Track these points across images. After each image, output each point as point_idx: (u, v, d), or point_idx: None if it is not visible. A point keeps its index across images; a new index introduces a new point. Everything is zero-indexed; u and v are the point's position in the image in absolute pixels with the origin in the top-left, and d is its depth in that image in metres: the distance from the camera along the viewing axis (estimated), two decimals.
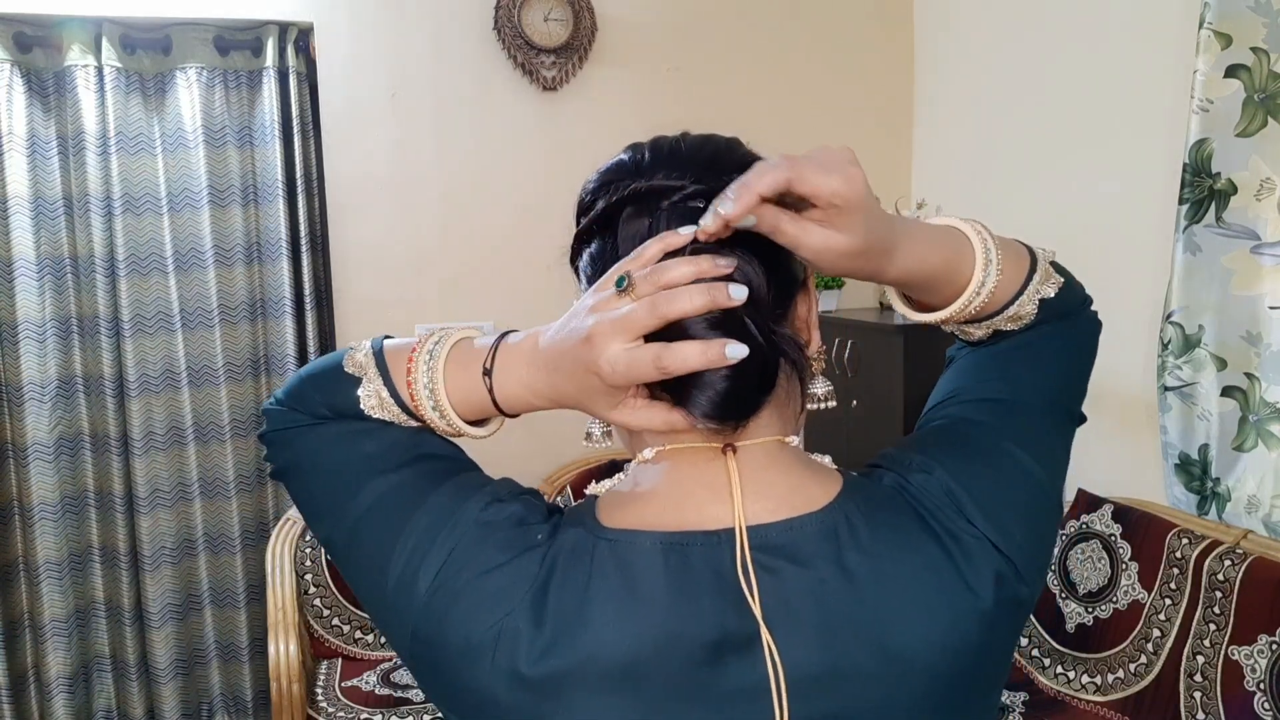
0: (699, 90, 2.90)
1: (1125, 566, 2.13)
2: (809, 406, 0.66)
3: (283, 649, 2.29)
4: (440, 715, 2.37)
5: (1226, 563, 1.92)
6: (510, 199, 2.79)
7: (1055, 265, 0.70)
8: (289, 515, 2.57)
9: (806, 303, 0.64)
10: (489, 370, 0.61)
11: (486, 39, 2.71)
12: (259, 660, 2.71)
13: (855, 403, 2.62)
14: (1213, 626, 1.91)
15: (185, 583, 2.64)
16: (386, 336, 0.66)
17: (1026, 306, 0.67)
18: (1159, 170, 2.18)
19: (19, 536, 2.50)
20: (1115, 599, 2.13)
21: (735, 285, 0.54)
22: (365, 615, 2.54)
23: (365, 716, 2.21)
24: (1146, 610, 2.06)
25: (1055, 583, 2.26)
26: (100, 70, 2.41)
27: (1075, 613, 2.20)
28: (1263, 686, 1.78)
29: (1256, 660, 1.81)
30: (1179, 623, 1.98)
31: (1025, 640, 2.27)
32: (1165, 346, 2.09)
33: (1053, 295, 0.68)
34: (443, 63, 2.70)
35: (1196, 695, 1.90)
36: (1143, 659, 2.03)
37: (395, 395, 0.62)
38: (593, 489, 0.65)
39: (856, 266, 0.58)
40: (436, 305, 2.77)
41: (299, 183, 2.59)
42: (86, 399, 2.52)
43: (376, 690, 2.32)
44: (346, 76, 2.63)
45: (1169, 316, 2.07)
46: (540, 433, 2.63)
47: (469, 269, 2.79)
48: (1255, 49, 1.90)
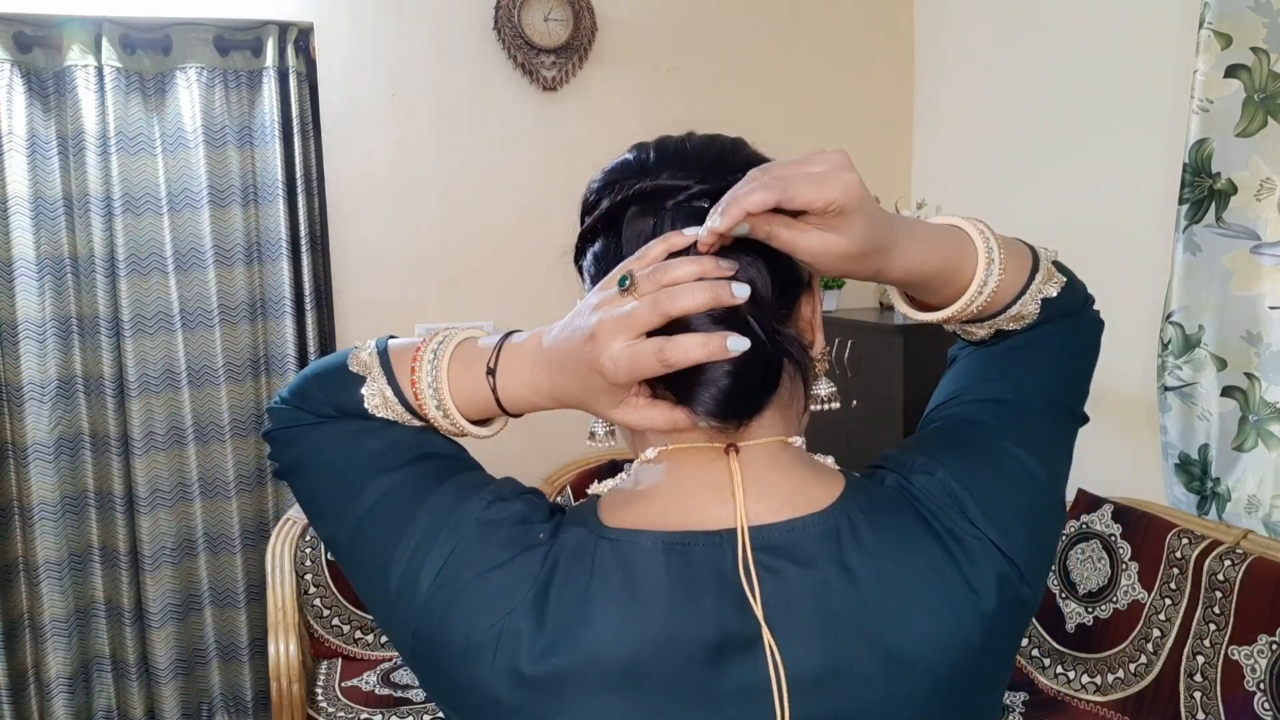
0: (699, 90, 2.90)
1: (1125, 566, 2.13)
2: (812, 408, 0.66)
3: (283, 649, 2.29)
4: (441, 715, 2.36)
5: (1226, 563, 1.92)
6: (510, 199, 2.79)
7: (1057, 264, 0.70)
8: (289, 515, 2.57)
9: (811, 305, 0.64)
10: (493, 370, 0.61)
11: (486, 39, 2.71)
12: (259, 660, 2.71)
13: (855, 403, 2.62)
14: (1213, 626, 1.91)
15: (185, 583, 2.63)
16: (391, 336, 0.66)
17: (1029, 306, 0.66)
18: (1159, 170, 2.18)
19: (19, 536, 2.50)
20: (1115, 599, 2.13)
21: (738, 284, 0.54)
22: (365, 615, 2.54)
23: (365, 716, 2.21)
24: (1146, 610, 2.06)
25: (1055, 583, 2.26)
26: (100, 70, 2.41)
27: (1075, 613, 2.20)
28: (1263, 686, 1.78)
29: (1256, 660, 1.81)
30: (1179, 623, 1.98)
31: (1025, 640, 2.27)
32: (1165, 346, 2.09)
33: (1055, 295, 0.67)
34: (443, 63, 2.70)
35: (1196, 695, 1.90)
36: (1143, 659, 2.03)
37: (399, 394, 0.62)
38: (595, 489, 0.65)
39: (856, 268, 0.57)
40: (436, 305, 2.77)
41: (299, 183, 2.59)
42: (86, 399, 2.52)
43: (376, 690, 2.32)
44: (346, 76, 2.63)
45: (1169, 316, 2.07)
46: (541, 433, 2.63)
47: (469, 269, 2.78)
48: (1255, 49, 1.90)
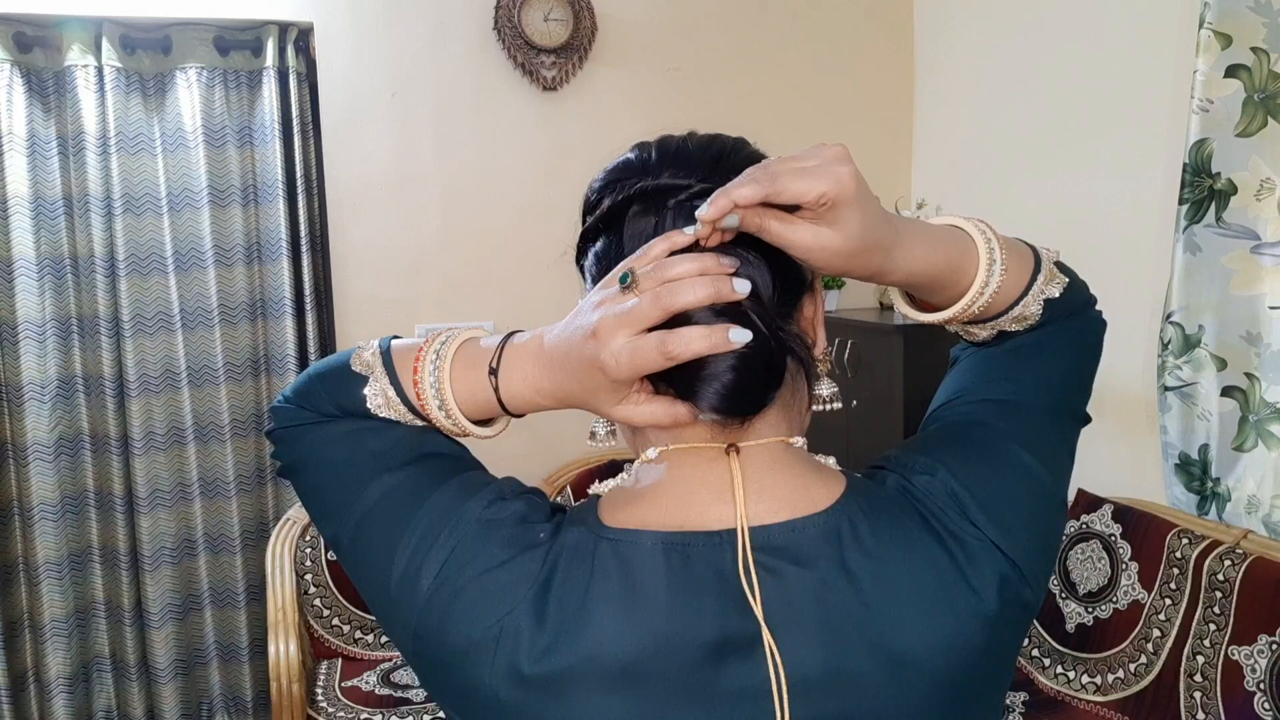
0: (699, 90, 2.90)
1: (1125, 566, 2.13)
2: (814, 408, 0.65)
3: (283, 649, 2.29)
4: (441, 715, 2.36)
5: (1226, 563, 1.92)
6: (510, 199, 2.79)
7: (1060, 265, 0.70)
8: (289, 515, 2.57)
9: (813, 304, 0.64)
10: (495, 370, 0.60)
11: (486, 39, 2.71)
12: (259, 660, 2.71)
13: (855, 403, 2.62)
14: (1213, 626, 1.91)
15: (185, 583, 2.63)
16: (395, 337, 0.66)
17: (1031, 307, 0.66)
18: (1159, 170, 2.18)
19: (19, 536, 2.50)
20: (1115, 599, 2.13)
21: (739, 280, 0.54)
22: (365, 615, 2.54)
23: (365, 716, 2.20)
24: (1146, 610, 2.06)
25: (1055, 583, 2.26)
26: (100, 70, 2.41)
27: (1075, 613, 2.20)
28: (1263, 686, 1.78)
29: (1256, 660, 1.81)
30: (1179, 623, 1.98)
31: (1025, 640, 2.26)
32: (1165, 346, 2.09)
33: (1057, 295, 0.67)
34: (443, 63, 2.70)
35: (1196, 695, 1.90)
36: (1143, 659, 2.03)
37: (402, 394, 0.62)
38: (595, 488, 0.65)
39: (854, 266, 0.57)
40: (436, 305, 2.77)
41: (299, 183, 2.59)
42: (86, 399, 2.52)
43: (376, 690, 2.32)
44: (346, 76, 2.63)
45: (1169, 316, 2.07)
46: (540, 433, 2.64)
47: (469, 269, 2.78)
48: (1255, 49, 1.90)
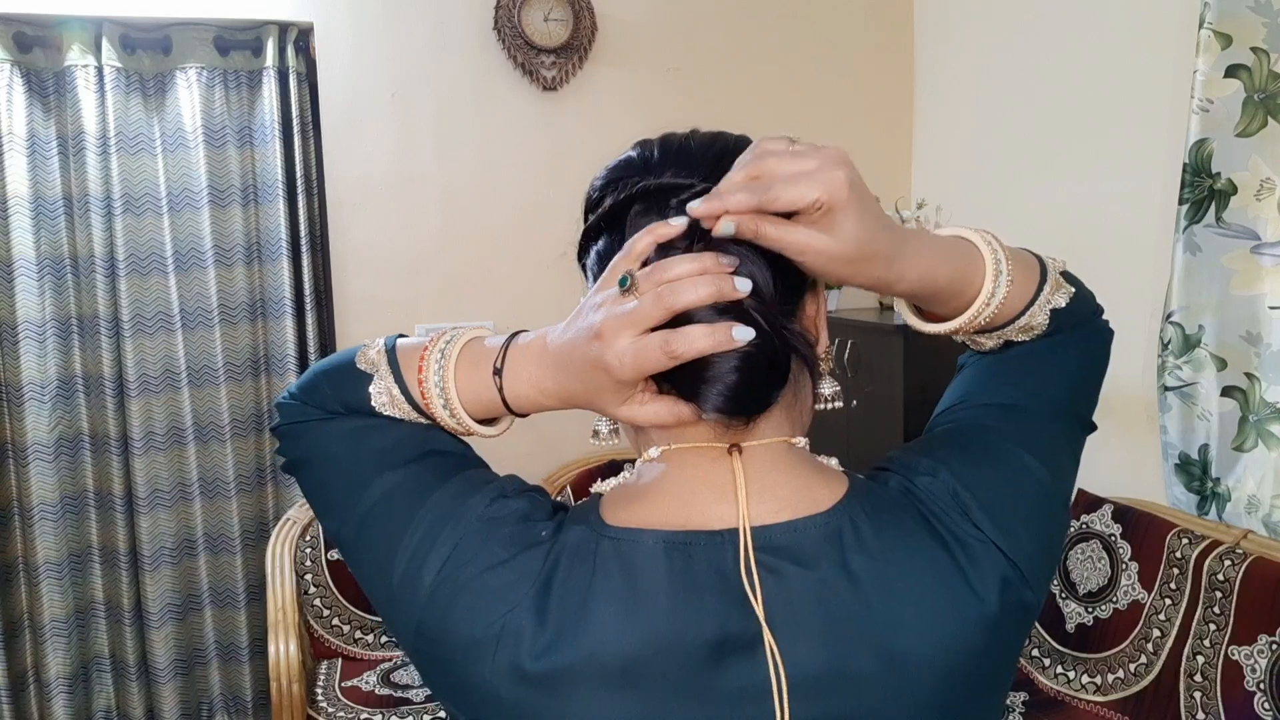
0: (699, 90, 2.89)
1: (1125, 566, 2.13)
2: (815, 407, 0.65)
3: (283, 649, 2.29)
4: (442, 715, 2.36)
5: (1226, 563, 1.92)
6: (510, 199, 2.79)
7: (1066, 274, 0.70)
8: (289, 515, 2.57)
9: (815, 303, 0.63)
10: (499, 370, 0.61)
11: (486, 39, 2.71)
12: (259, 660, 2.71)
13: (855, 403, 2.62)
14: (1213, 626, 1.91)
15: (185, 583, 2.63)
16: (400, 335, 0.66)
17: (1038, 317, 0.66)
18: (1159, 170, 2.18)
19: (19, 536, 2.50)
20: (1115, 599, 2.13)
21: (739, 278, 0.54)
22: (365, 615, 2.54)
23: (365, 716, 2.20)
24: (1146, 610, 2.06)
25: (1055, 583, 2.26)
26: (100, 70, 2.40)
27: (1075, 613, 2.20)
28: (1263, 686, 1.78)
29: (1256, 660, 1.81)
30: (1179, 623, 1.98)
31: (1025, 640, 2.27)
32: (1165, 346, 2.09)
33: (1064, 305, 0.67)
34: (443, 63, 2.70)
35: (1196, 695, 1.90)
36: (1143, 659, 2.03)
37: (406, 393, 0.62)
38: (597, 487, 0.65)
39: (853, 273, 0.56)
40: (436, 305, 2.77)
41: (299, 183, 2.59)
42: (86, 399, 2.52)
43: (376, 690, 2.32)
44: (346, 76, 2.63)
45: (1169, 316, 2.07)
46: (541, 433, 2.63)
47: (469, 269, 2.78)
48: (1255, 49, 1.90)
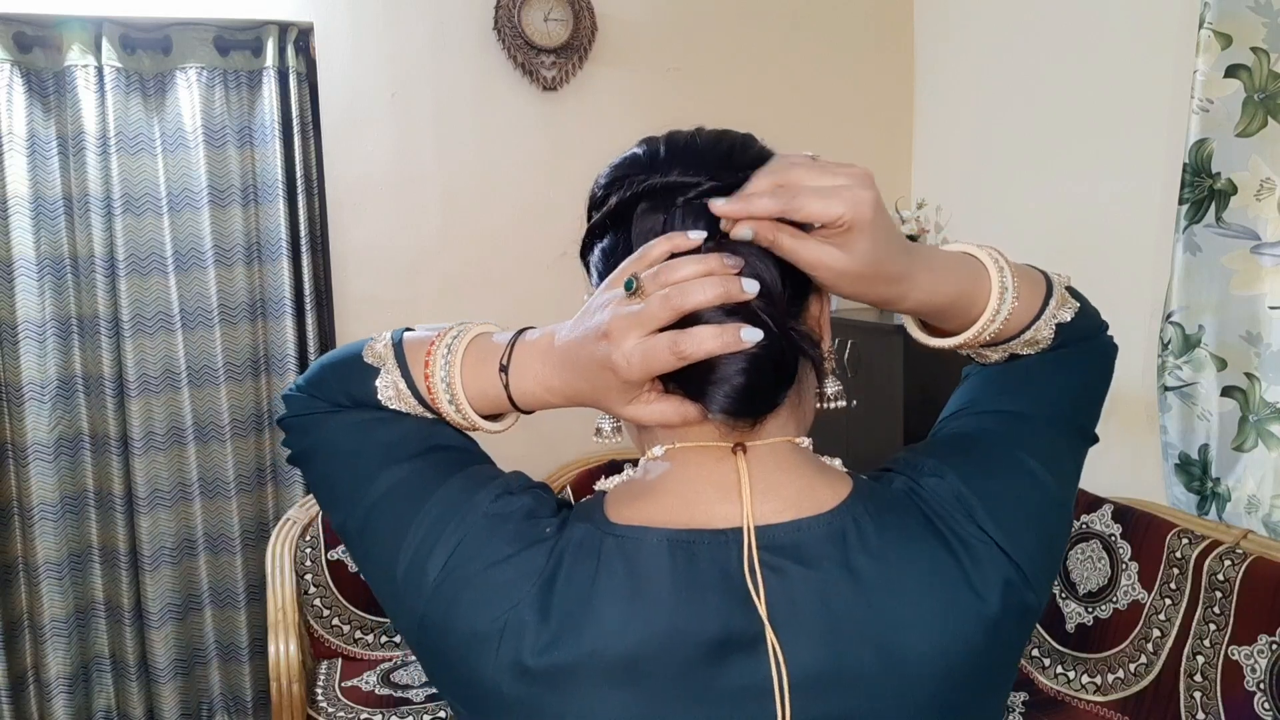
0: (699, 90, 2.89)
1: (1125, 566, 2.13)
2: (817, 405, 0.66)
3: (283, 649, 2.29)
4: (442, 716, 2.36)
5: (1226, 563, 1.92)
6: (510, 199, 2.79)
7: (1071, 290, 0.70)
8: (289, 515, 2.57)
9: (819, 303, 0.64)
10: (506, 367, 0.61)
11: (486, 39, 2.71)
12: (259, 660, 2.71)
13: (854, 403, 2.62)
14: (1213, 626, 1.91)
15: (185, 583, 2.63)
16: (407, 329, 0.66)
17: (1043, 331, 0.67)
18: (1159, 170, 2.18)
19: (19, 536, 2.50)
20: (1115, 599, 2.13)
21: (747, 279, 0.54)
22: (365, 615, 2.54)
23: (365, 716, 2.20)
24: (1146, 610, 2.06)
25: (1055, 583, 2.26)
26: (100, 70, 2.40)
27: (1075, 613, 2.20)
28: (1263, 686, 1.78)
29: (1256, 660, 1.81)
30: (1179, 623, 1.98)
31: (1027, 642, 2.27)
32: (1165, 346, 2.09)
33: (1069, 319, 0.68)
34: (443, 63, 2.70)
35: (1196, 695, 1.90)
36: (1143, 659, 2.03)
37: (412, 387, 0.62)
38: (601, 484, 0.65)
39: (861, 290, 0.58)
40: (436, 305, 2.77)
41: (299, 183, 2.58)
42: (86, 399, 2.51)
43: (376, 690, 2.32)
44: (346, 76, 2.63)
45: (1169, 316, 2.07)
46: (541, 432, 2.63)
47: (469, 269, 2.78)
48: (1255, 49, 1.90)
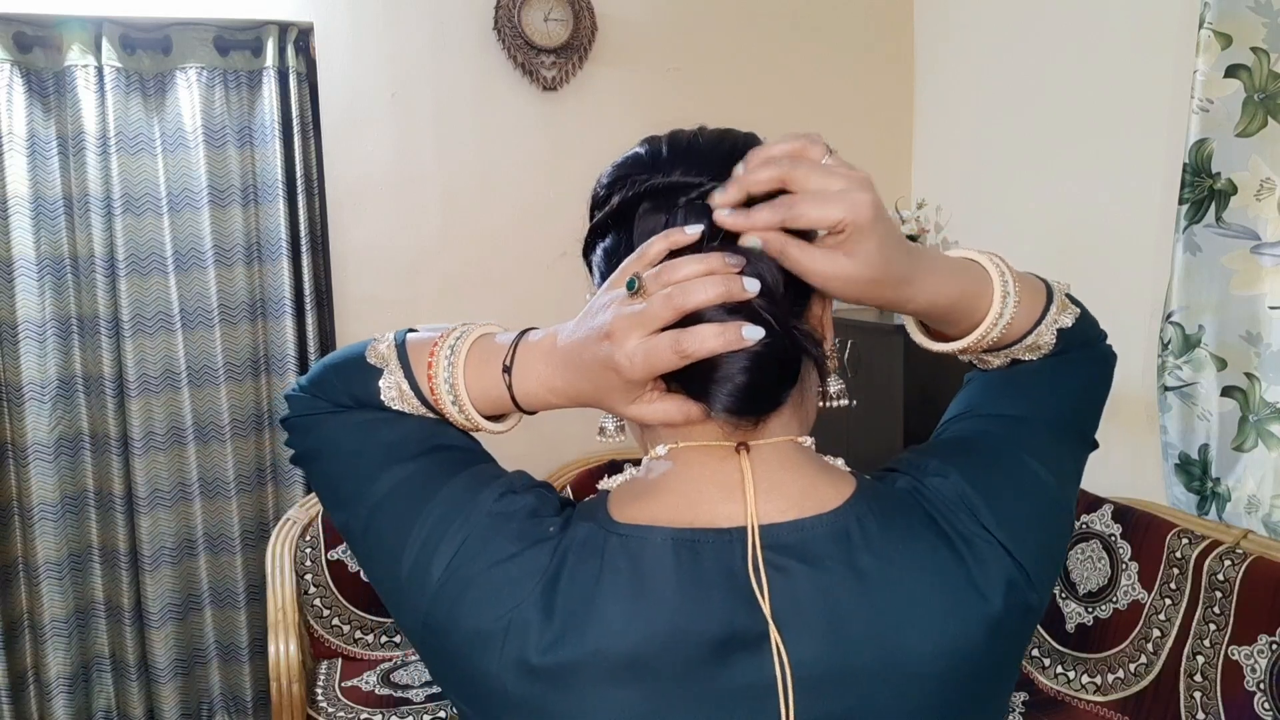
0: (699, 90, 2.89)
1: (1125, 566, 2.13)
2: (819, 404, 0.66)
3: (283, 649, 2.29)
4: (442, 716, 2.36)
5: (1226, 563, 1.92)
6: (510, 199, 2.79)
7: (1070, 298, 0.71)
8: (289, 515, 2.57)
9: (821, 303, 0.64)
10: (508, 368, 0.61)
11: (486, 39, 2.71)
12: (259, 660, 2.70)
13: (855, 402, 2.62)
14: (1213, 626, 1.91)
15: (185, 583, 2.63)
16: (410, 330, 0.66)
17: (1044, 336, 0.68)
18: (1159, 170, 2.18)
19: (19, 536, 2.49)
20: (1115, 599, 2.13)
21: (748, 278, 0.54)
22: (365, 615, 2.54)
23: (365, 716, 2.20)
24: (1146, 610, 2.06)
25: (1056, 583, 2.26)
26: (100, 70, 2.40)
27: (1075, 613, 2.20)
28: (1263, 686, 1.78)
29: (1256, 660, 1.81)
30: (1179, 623, 1.98)
31: (1028, 642, 2.27)
32: (1165, 346, 2.09)
33: (1070, 324, 0.69)
34: (443, 63, 2.70)
35: (1196, 695, 1.90)
36: (1143, 659, 2.03)
37: (415, 388, 0.63)
38: (605, 484, 0.65)
39: (870, 294, 0.58)
40: (436, 305, 2.77)
41: (299, 183, 2.58)
42: (86, 399, 2.51)
43: (376, 690, 2.32)
44: (346, 76, 2.63)
45: (1169, 316, 2.07)
46: (541, 432, 2.62)
47: (469, 269, 2.78)
48: (1255, 49, 1.90)
